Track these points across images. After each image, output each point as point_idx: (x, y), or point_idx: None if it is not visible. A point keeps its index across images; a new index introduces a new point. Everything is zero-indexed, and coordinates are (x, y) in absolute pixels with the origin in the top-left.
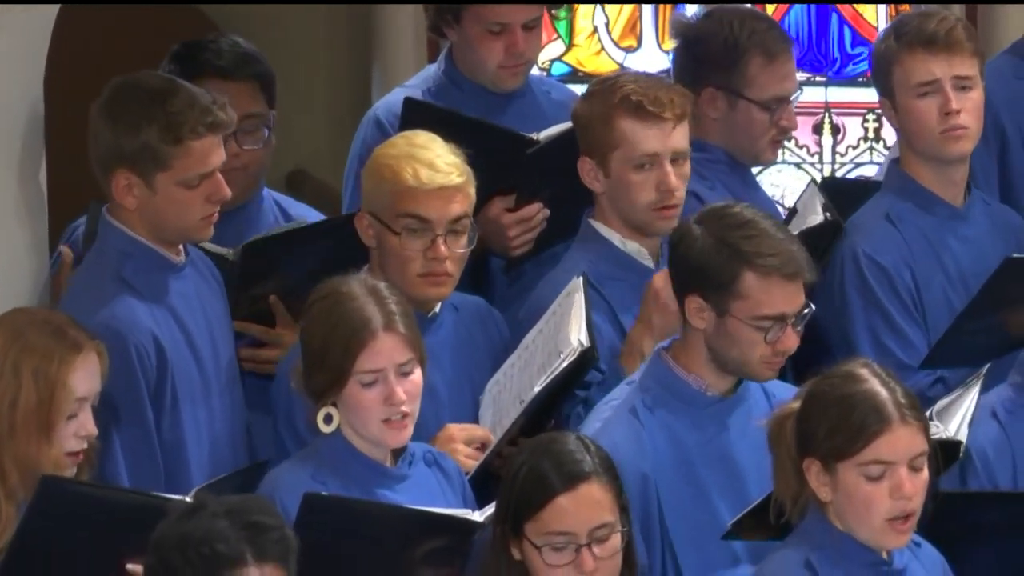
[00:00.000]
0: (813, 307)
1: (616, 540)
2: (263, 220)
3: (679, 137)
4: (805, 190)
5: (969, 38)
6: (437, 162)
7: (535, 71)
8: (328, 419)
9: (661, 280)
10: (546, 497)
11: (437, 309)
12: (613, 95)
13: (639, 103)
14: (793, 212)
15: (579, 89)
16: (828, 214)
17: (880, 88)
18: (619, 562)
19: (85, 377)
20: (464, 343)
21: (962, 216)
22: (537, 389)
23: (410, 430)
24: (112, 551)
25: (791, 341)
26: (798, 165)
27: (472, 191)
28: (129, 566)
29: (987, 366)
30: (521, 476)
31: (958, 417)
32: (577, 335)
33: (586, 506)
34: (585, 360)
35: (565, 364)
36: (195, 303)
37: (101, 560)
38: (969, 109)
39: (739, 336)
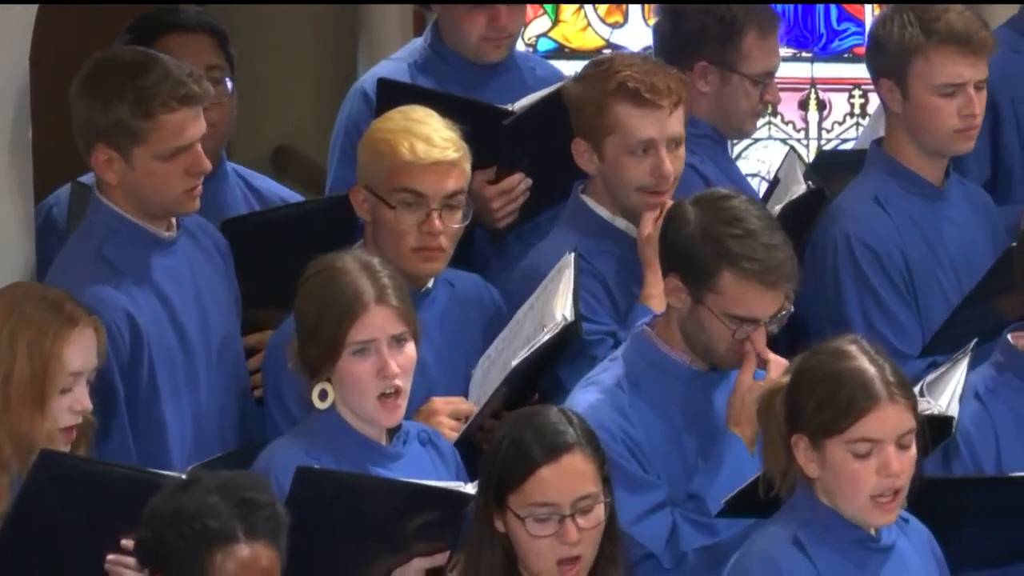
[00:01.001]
0: (792, 309)
1: (600, 511)
2: (229, 194)
3: (675, 123)
4: (785, 158)
5: (992, 40)
6: (434, 137)
7: (521, 47)
8: (323, 395)
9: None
10: (529, 469)
11: (430, 285)
12: (609, 80)
13: (636, 90)
14: (775, 182)
15: (564, 65)
16: (810, 182)
17: (885, 70)
18: (601, 533)
19: (80, 351)
20: (457, 319)
21: (944, 197)
22: (515, 363)
23: (403, 409)
24: (107, 526)
25: (760, 340)
26: (784, 141)
27: (468, 167)
28: (124, 541)
29: (974, 341)
30: (503, 449)
31: (948, 392)
32: (562, 309)
33: (569, 477)
34: (568, 334)
35: (547, 337)
36: (185, 278)
37: (96, 535)
38: (981, 108)
39: (708, 326)
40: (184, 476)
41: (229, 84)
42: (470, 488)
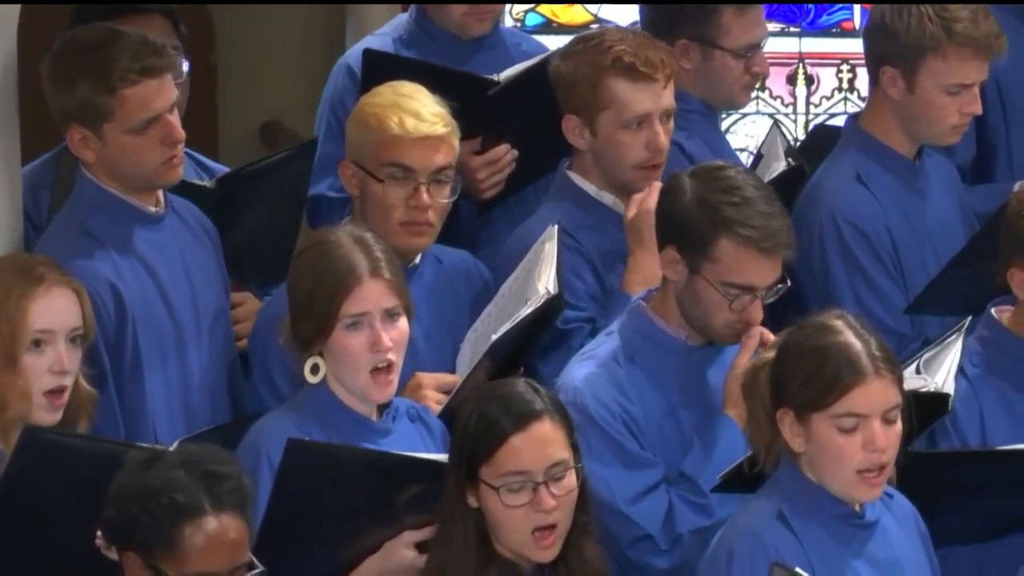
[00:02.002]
0: (789, 284)
1: (572, 478)
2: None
3: (668, 96)
4: (768, 134)
5: (1005, 45)
6: (423, 112)
7: (508, 22)
8: (315, 369)
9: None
10: (499, 439)
11: (417, 260)
12: (604, 56)
13: (631, 65)
14: (759, 158)
15: (552, 40)
16: (791, 159)
17: (893, 58)
18: (575, 501)
19: (49, 310)
20: (445, 295)
21: (919, 171)
22: (495, 337)
23: (395, 384)
24: (95, 502)
25: (757, 313)
26: (772, 116)
27: (456, 142)
28: None
29: (969, 318)
30: (472, 423)
31: (944, 369)
32: (545, 283)
33: (540, 444)
34: (551, 308)
35: (529, 311)
36: (173, 254)
37: (84, 510)
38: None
39: (704, 297)
40: (172, 449)
41: (185, 65)
42: None
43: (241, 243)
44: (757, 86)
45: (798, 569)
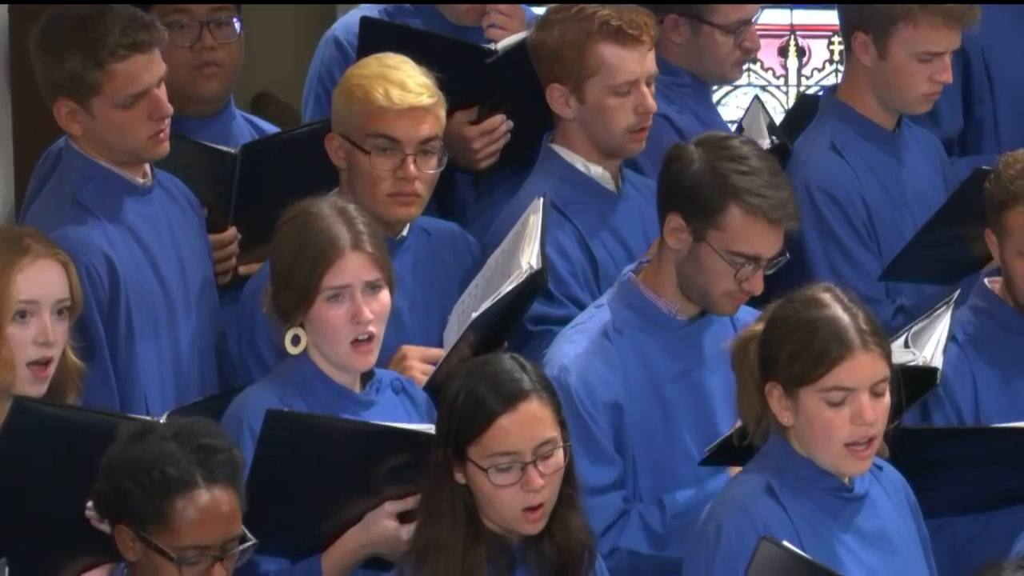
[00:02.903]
0: (787, 256)
1: (560, 456)
2: (237, 133)
3: (651, 60)
4: (749, 107)
5: (978, 14)
6: (408, 83)
7: None
8: (296, 340)
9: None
10: (487, 419)
11: (404, 232)
12: (589, 21)
13: (619, 28)
14: (739, 131)
15: (542, 12)
16: (774, 137)
17: (864, 25)
18: (562, 477)
19: (35, 281)
20: (432, 267)
21: (897, 141)
22: (475, 315)
23: (375, 354)
24: (85, 472)
25: (758, 284)
26: (763, 88)
27: (443, 113)
28: None
29: (957, 292)
30: (460, 401)
31: (932, 343)
32: (528, 258)
33: (528, 424)
34: (534, 283)
35: (512, 287)
36: (162, 225)
37: (74, 481)
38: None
39: (709, 265)
40: (162, 420)
41: (237, 25)
42: None
43: (265, 214)
44: (750, 58)
45: (786, 543)
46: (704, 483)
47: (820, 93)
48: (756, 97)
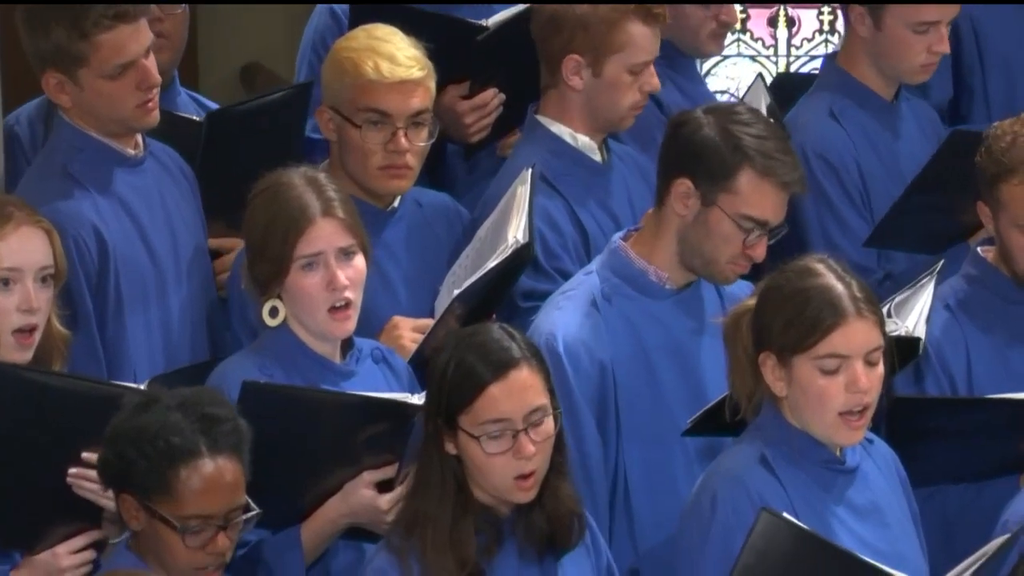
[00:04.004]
0: (787, 228)
1: (550, 423)
2: (182, 108)
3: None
4: (752, 85)
5: None
6: (398, 55)
7: None
8: (273, 312)
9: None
10: (478, 388)
11: (396, 204)
12: None
13: (649, 9)
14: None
15: None
16: (772, 119)
17: None
18: (552, 445)
19: (17, 248)
20: (424, 238)
21: (895, 111)
22: (457, 292)
23: (354, 320)
24: (69, 440)
25: (761, 250)
26: (753, 58)
27: (433, 85)
28: (85, 455)
29: (941, 262)
30: (449, 371)
31: (915, 313)
32: (515, 232)
33: (519, 391)
34: (521, 257)
35: (497, 261)
36: (153, 197)
37: (56, 449)
38: (948, 45)
39: (717, 230)
40: (143, 387)
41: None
42: (416, 399)
43: (231, 183)
44: (738, 28)
45: (785, 514)
46: (688, 453)
47: (801, 71)
48: (759, 76)
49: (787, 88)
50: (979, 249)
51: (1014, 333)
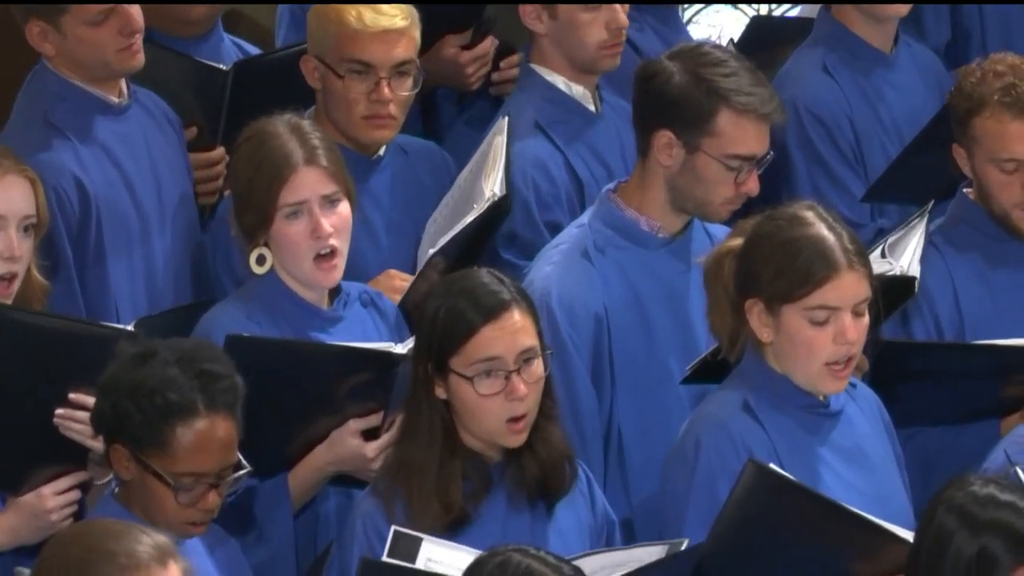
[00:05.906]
0: (773, 154)
1: (540, 364)
2: (227, 58)
3: None
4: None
5: None
6: (382, 5)
7: None
8: (261, 260)
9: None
10: (469, 330)
11: (381, 152)
12: None
13: None
14: None
15: None
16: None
17: None
18: (542, 389)
19: (3, 197)
20: (409, 186)
21: (892, 63)
22: (432, 251)
23: (340, 269)
24: (54, 379)
25: (754, 184)
26: (735, 5)
27: (417, 34)
28: (72, 396)
29: (931, 203)
30: (440, 316)
31: (908, 252)
32: (492, 185)
33: (510, 332)
34: (498, 210)
35: (473, 218)
36: (138, 143)
37: (44, 388)
38: None
39: (707, 174)
40: (130, 328)
41: None
42: (400, 348)
43: None
44: None
45: (773, 466)
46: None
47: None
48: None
49: (764, 32)
50: (964, 190)
51: (998, 269)
